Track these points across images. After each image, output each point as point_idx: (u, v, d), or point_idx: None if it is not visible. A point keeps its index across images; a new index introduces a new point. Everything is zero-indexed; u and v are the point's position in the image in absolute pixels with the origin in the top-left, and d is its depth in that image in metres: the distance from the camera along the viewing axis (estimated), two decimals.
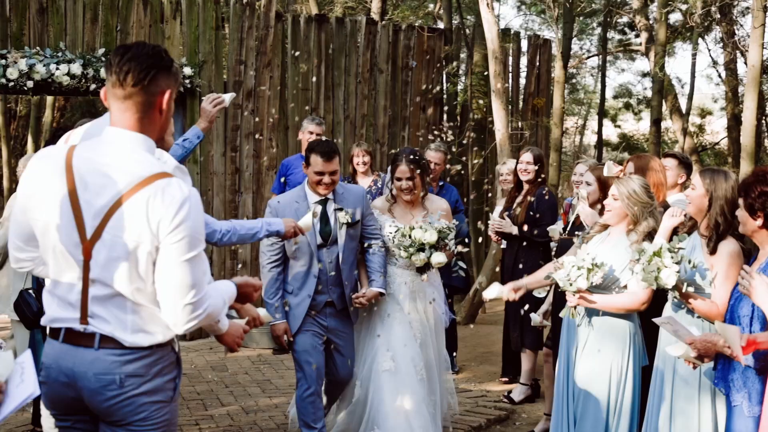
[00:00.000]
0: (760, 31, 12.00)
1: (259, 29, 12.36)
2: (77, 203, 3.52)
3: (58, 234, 3.55)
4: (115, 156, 3.52)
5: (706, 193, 5.67)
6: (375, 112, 13.68)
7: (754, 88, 12.09)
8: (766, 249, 5.01)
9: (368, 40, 13.62)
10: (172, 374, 3.66)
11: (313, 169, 6.78)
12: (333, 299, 6.98)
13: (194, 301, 3.51)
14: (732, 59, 19.19)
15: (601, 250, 6.24)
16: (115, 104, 3.56)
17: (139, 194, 3.44)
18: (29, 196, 3.65)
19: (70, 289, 3.57)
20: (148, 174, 3.47)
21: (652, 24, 18.56)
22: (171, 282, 3.47)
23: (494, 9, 11.87)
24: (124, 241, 3.45)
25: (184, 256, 3.46)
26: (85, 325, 3.53)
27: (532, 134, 14.78)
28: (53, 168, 3.60)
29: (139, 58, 3.51)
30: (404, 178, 7.25)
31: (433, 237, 7.00)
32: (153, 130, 3.61)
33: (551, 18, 15.02)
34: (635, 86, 27.10)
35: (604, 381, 6.15)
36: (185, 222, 3.44)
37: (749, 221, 4.97)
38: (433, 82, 14.33)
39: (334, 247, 6.92)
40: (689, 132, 16.78)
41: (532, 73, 15.38)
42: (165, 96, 3.58)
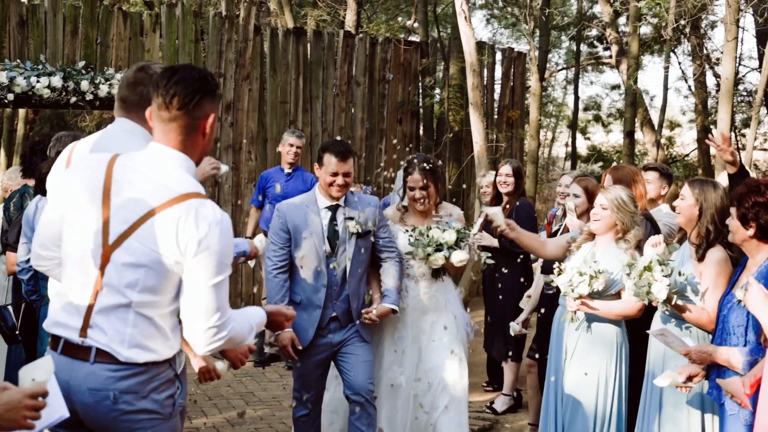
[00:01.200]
0: (733, 44, 12.19)
1: (238, 42, 12.41)
2: (108, 207, 3.54)
3: (82, 234, 3.57)
4: (155, 169, 3.56)
5: (696, 203, 5.79)
6: (352, 125, 13.75)
7: (727, 101, 12.25)
8: (756, 258, 5.11)
9: (345, 53, 13.69)
10: (169, 391, 3.62)
11: (326, 169, 6.37)
12: (338, 314, 6.48)
13: (218, 324, 3.55)
14: (701, 72, 19.39)
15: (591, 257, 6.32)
16: (159, 125, 3.60)
17: (172, 209, 3.47)
18: (64, 195, 3.69)
19: (78, 294, 3.57)
20: (184, 192, 3.51)
21: (622, 37, 18.75)
22: (197, 304, 3.51)
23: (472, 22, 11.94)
24: (148, 251, 3.47)
25: (211, 280, 3.49)
26: (83, 338, 3.52)
27: (507, 146, 14.89)
28: (93, 172, 3.63)
29: (185, 81, 3.54)
30: (417, 188, 6.84)
31: (452, 236, 6.68)
32: (194, 153, 3.65)
33: (527, 31, 15.15)
34: (604, 99, 27.34)
35: (592, 387, 6.22)
36: (214, 245, 3.48)
37: (741, 230, 5.07)
38: (409, 94, 14.42)
39: (342, 257, 6.45)
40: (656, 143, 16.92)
41: (507, 86, 15.51)
42: (209, 120, 3.62)
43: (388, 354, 6.81)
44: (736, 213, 5.05)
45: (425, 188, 6.83)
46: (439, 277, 6.90)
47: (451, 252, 6.69)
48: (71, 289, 3.61)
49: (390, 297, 6.59)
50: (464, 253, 6.73)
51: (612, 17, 17.90)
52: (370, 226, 6.55)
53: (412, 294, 6.84)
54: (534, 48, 15.36)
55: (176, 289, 3.58)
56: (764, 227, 4.97)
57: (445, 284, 6.97)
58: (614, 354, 6.26)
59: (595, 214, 6.34)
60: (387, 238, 6.71)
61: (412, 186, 6.86)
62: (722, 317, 5.19)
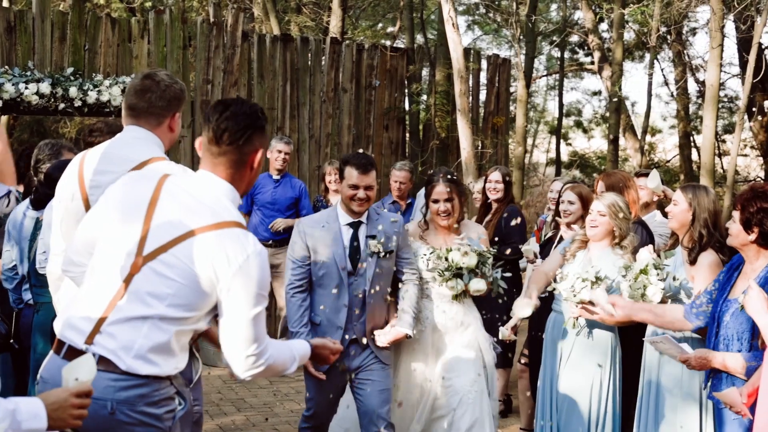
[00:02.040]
0: (718, 51, 12.29)
1: (226, 49, 12.41)
2: (150, 220, 3.58)
3: (117, 245, 3.60)
4: (203, 193, 3.62)
5: (689, 209, 5.93)
6: (339, 131, 13.76)
7: (712, 107, 12.36)
8: (755, 264, 5.16)
9: (332, 60, 13.71)
10: (169, 407, 3.62)
11: (347, 182, 6.16)
12: (357, 337, 6.25)
13: (256, 353, 3.60)
14: (683, 78, 19.54)
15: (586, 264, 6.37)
16: (209, 157, 3.67)
17: (214, 233, 3.52)
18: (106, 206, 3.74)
19: (96, 302, 3.58)
20: (228, 219, 3.57)
21: (604, 43, 18.86)
22: (236, 334, 3.56)
23: (459, 29, 11.99)
24: (186, 267, 3.50)
25: (251, 312, 3.54)
26: (89, 345, 3.52)
27: (493, 153, 14.94)
28: (141, 186, 3.69)
29: (237, 117, 3.61)
30: (442, 200, 6.56)
31: (473, 261, 6.35)
32: (241, 185, 3.72)
33: (514, 38, 15.21)
34: (584, 104, 27.46)
35: (588, 391, 6.28)
36: (253, 276, 3.52)
37: (742, 235, 5.12)
38: (396, 101, 14.45)
39: (363, 277, 6.18)
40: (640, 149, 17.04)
41: (492, 92, 15.55)
42: (258, 155, 3.70)
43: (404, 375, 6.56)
44: (739, 217, 5.11)
45: (450, 200, 6.56)
46: (459, 300, 6.58)
47: (470, 278, 6.40)
48: (90, 297, 3.62)
49: (405, 321, 6.33)
50: (482, 283, 6.44)
51: (594, 23, 18.00)
52: (392, 246, 6.29)
53: (431, 315, 6.56)
54: (520, 54, 15.41)
55: (206, 310, 3.63)
56: (766, 233, 5.03)
57: (465, 305, 6.68)
58: (609, 358, 6.32)
59: (593, 220, 6.38)
60: (408, 259, 6.46)
61: (437, 198, 6.59)
62: (723, 323, 5.23)
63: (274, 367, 3.75)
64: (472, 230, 6.79)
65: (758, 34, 12.68)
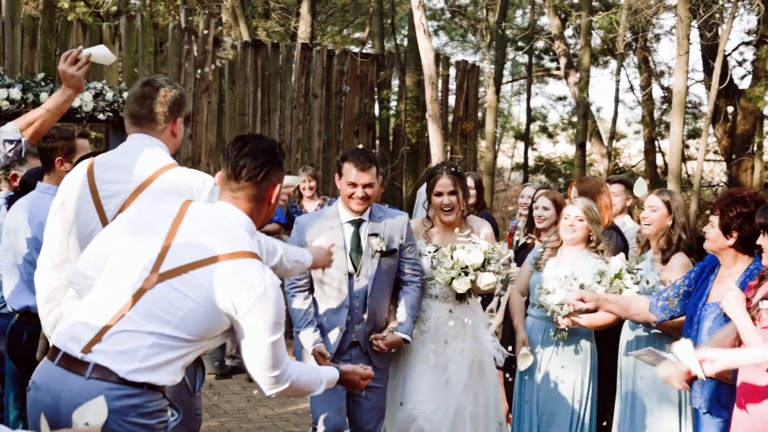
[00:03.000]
0: (685, 58, 12.44)
1: (197, 54, 12.41)
2: (171, 239, 3.63)
3: (131, 260, 3.63)
4: (224, 222, 3.69)
5: (668, 215, 6.05)
6: (310, 137, 13.81)
7: (679, 113, 12.50)
8: (732, 269, 5.25)
9: (303, 65, 13.75)
10: (162, 417, 3.63)
11: (345, 179, 5.86)
12: (359, 339, 5.95)
13: (277, 375, 3.71)
14: (648, 84, 19.74)
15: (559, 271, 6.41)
16: (227, 192, 3.75)
17: (234, 262, 3.58)
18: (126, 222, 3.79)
19: (99, 313, 3.59)
20: (247, 249, 3.64)
21: (570, 49, 19.03)
22: (257, 360, 3.66)
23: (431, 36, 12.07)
24: (205, 291, 3.55)
25: (269, 339, 3.62)
26: (85, 354, 3.52)
27: (462, 159, 15.05)
28: (165, 207, 3.76)
29: (255, 153, 3.69)
30: (446, 193, 6.21)
31: (479, 258, 6.02)
32: (259, 218, 3.82)
33: (483, 44, 15.32)
34: (549, 110, 27.58)
35: (569, 395, 6.34)
36: (270, 305, 3.59)
37: (721, 239, 5.20)
38: (366, 106, 14.52)
39: (365, 277, 5.90)
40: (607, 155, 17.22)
41: (461, 98, 15.66)
42: (275, 189, 3.79)
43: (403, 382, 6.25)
44: (718, 222, 5.18)
45: (454, 193, 6.22)
46: (464, 300, 6.28)
47: (477, 275, 6.04)
48: (94, 307, 3.62)
49: (404, 326, 6.04)
50: (492, 276, 6.09)
51: (560, 29, 18.16)
52: (395, 244, 6.00)
53: (435, 316, 6.27)
54: (490, 61, 15.53)
55: (215, 335, 3.69)
56: (744, 238, 5.12)
57: (470, 307, 6.41)
58: (588, 363, 6.39)
59: (571, 225, 6.41)
60: (412, 259, 6.13)
61: (440, 191, 6.24)
62: (704, 329, 5.28)
63: (297, 387, 3.86)
64: (478, 226, 6.45)
65: (723, 41, 12.87)
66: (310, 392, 4.00)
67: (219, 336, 3.71)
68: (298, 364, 3.93)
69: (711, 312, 5.25)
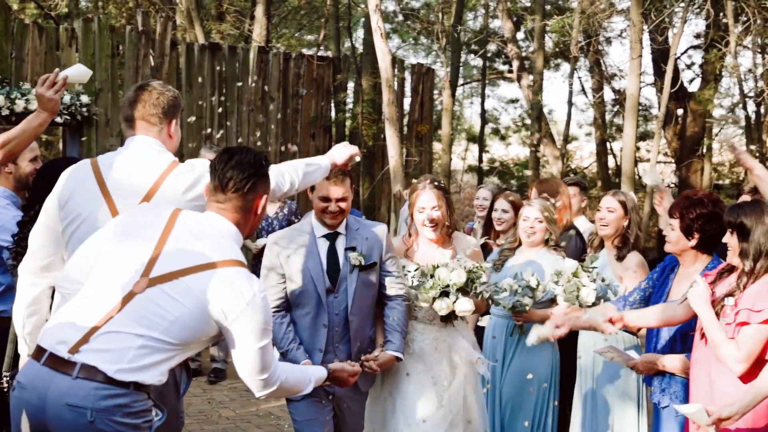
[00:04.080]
0: (638, 62, 12.66)
1: (155, 57, 12.40)
2: (162, 245, 3.70)
3: (121, 263, 3.69)
4: (211, 230, 3.78)
5: (625, 216, 6.22)
6: (266, 140, 13.84)
7: (632, 116, 12.73)
8: (691, 269, 5.39)
9: (260, 69, 13.79)
10: (147, 417, 3.69)
11: (317, 193, 5.41)
12: (341, 359, 5.35)
13: (266, 377, 3.83)
14: (599, 87, 20.00)
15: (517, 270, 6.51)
16: (214, 204, 3.84)
17: (224, 270, 3.65)
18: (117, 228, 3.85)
19: (87, 315, 3.63)
20: (235, 258, 3.73)
21: (522, 52, 19.24)
22: (246, 364, 3.76)
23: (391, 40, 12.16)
24: (193, 296, 3.62)
25: (258, 344, 3.71)
26: (72, 354, 3.56)
27: (418, 161, 15.16)
28: (156, 214, 3.83)
29: (241, 166, 3.79)
30: (428, 208, 5.78)
31: (461, 278, 5.56)
32: (245, 229, 3.89)
33: (439, 48, 15.45)
34: (501, 112, 27.85)
35: (533, 391, 6.44)
36: (258, 312, 3.68)
37: (683, 241, 5.34)
38: (322, 109, 14.58)
39: (344, 294, 5.46)
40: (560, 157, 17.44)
41: (416, 101, 15.77)
42: (261, 200, 3.87)
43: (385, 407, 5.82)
44: (679, 225, 5.32)
45: (438, 209, 5.79)
46: (450, 322, 5.83)
47: (457, 297, 5.57)
48: (82, 309, 3.67)
49: (394, 343, 5.58)
50: (469, 303, 5.59)
51: (512, 33, 18.35)
52: (374, 258, 5.55)
53: (419, 338, 5.83)
54: (446, 64, 15.66)
55: (203, 340, 3.76)
56: (705, 239, 5.27)
57: (456, 328, 5.94)
58: (550, 359, 6.49)
59: (531, 227, 6.52)
60: (394, 272, 5.69)
61: (422, 206, 5.82)
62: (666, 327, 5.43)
63: (286, 387, 3.99)
64: (463, 244, 6.03)
65: (675, 45, 13.10)
66: (300, 392, 4.11)
67: (206, 340, 3.77)
68: (286, 365, 4.04)
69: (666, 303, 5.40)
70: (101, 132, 11.96)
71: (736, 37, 13.65)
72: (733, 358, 4.56)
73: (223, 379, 10.24)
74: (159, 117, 4.43)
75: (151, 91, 4.44)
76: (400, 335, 5.60)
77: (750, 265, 4.61)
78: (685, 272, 5.45)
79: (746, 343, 4.53)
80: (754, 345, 4.52)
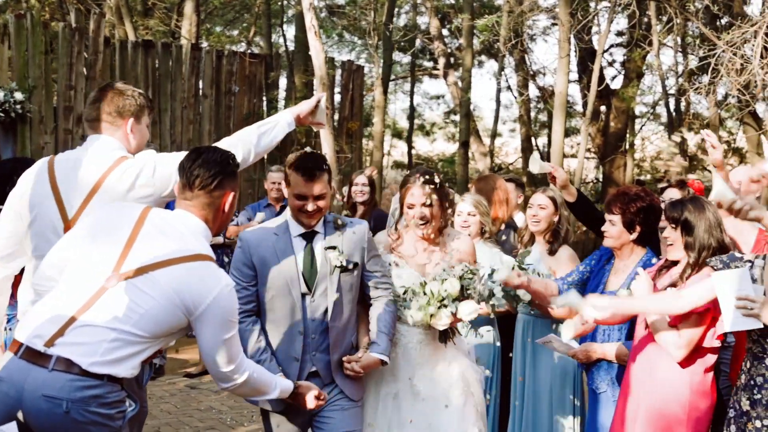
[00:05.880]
0: (566, 60, 12.97)
1: (88, 54, 12.36)
2: (132, 242, 3.81)
3: (92, 260, 3.80)
4: (182, 227, 3.91)
5: (555, 212, 6.47)
6: (200, 137, 13.88)
7: (561, 113, 13.05)
8: (626, 260, 5.63)
9: (193, 66, 13.81)
10: (120, 408, 3.79)
11: (292, 190, 4.95)
12: (318, 369, 5.01)
13: (232, 369, 3.96)
14: (525, 84, 20.32)
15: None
16: (183, 201, 3.96)
17: (192, 264, 3.80)
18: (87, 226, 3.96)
19: (61, 309, 3.74)
20: (204, 253, 3.86)
21: (449, 49, 19.49)
22: (212, 356, 3.90)
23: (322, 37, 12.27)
24: (162, 290, 3.73)
25: (222, 336, 3.86)
26: (48, 347, 3.66)
27: (350, 157, 15.30)
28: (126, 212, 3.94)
29: (207, 164, 3.92)
30: (418, 205, 5.33)
31: (455, 287, 5.17)
32: (214, 225, 4.02)
33: (371, 46, 15.60)
34: (423, 108, 28.00)
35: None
36: (223, 305, 3.82)
37: (624, 235, 5.57)
38: (255, 106, 14.66)
39: (322, 298, 4.99)
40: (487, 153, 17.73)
41: (346, 98, 15.92)
42: (228, 198, 3.99)
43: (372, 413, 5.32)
44: (621, 220, 5.54)
45: (428, 206, 5.34)
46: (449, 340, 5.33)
47: (456, 306, 5.15)
48: (56, 304, 3.77)
49: (379, 345, 5.11)
50: (473, 304, 5.19)
51: (438, 30, 18.57)
52: (356, 258, 5.10)
53: (405, 341, 5.36)
54: (378, 64, 15.83)
55: (173, 332, 3.87)
56: (645, 232, 5.52)
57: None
58: (491, 350, 6.67)
59: (465, 221, 6.68)
60: (379, 272, 5.25)
61: (412, 203, 5.36)
62: None
63: (252, 383, 4.12)
64: (456, 241, 5.56)
65: (602, 44, 13.45)
66: (264, 394, 4.25)
67: (176, 333, 3.89)
68: (255, 364, 4.18)
69: None
70: (35, 129, 11.89)
71: (659, 36, 14.07)
72: (673, 345, 4.81)
73: (162, 374, 10.26)
74: (114, 116, 4.53)
75: (109, 91, 4.54)
76: (386, 337, 5.14)
77: (695, 257, 4.86)
78: (621, 264, 5.68)
79: (686, 330, 4.79)
80: (693, 333, 4.78)
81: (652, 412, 4.91)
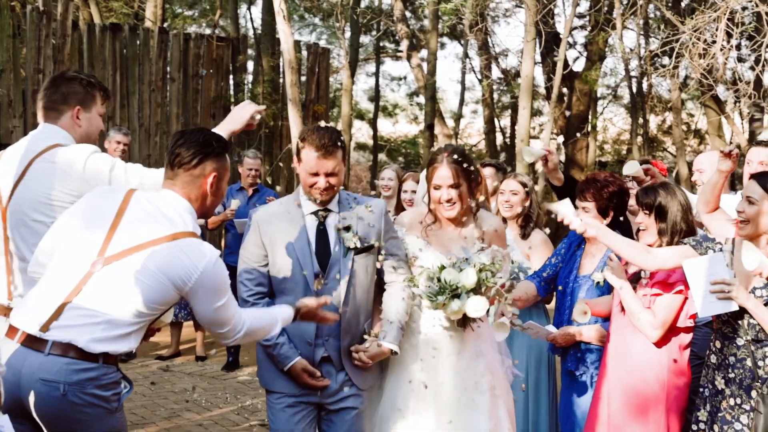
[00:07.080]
0: (532, 44, 13.12)
1: (56, 37, 12.34)
2: (116, 225, 3.91)
3: (79, 244, 3.90)
4: (165, 207, 3.98)
5: (527, 197, 6.59)
6: (168, 120, 13.91)
7: (527, 96, 13.21)
8: (598, 244, 5.75)
9: (160, 49, 13.82)
10: (116, 390, 3.90)
11: (304, 167, 4.66)
12: (330, 354, 4.79)
13: (228, 329, 4.09)
14: (488, 66, 20.46)
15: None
16: (167, 180, 4.04)
17: (177, 242, 3.89)
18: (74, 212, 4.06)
19: (55, 293, 3.85)
20: (186, 230, 3.94)
21: (413, 32, 19.60)
22: (209, 322, 4.05)
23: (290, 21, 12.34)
24: (150, 270, 3.83)
25: (214, 305, 3.98)
26: (43, 332, 3.77)
27: None
28: (109, 197, 4.03)
29: (188, 143, 4.00)
30: (445, 186, 4.99)
31: (471, 279, 4.79)
32: (197, 204, 4.08)
33: (338, 29, 15.68)
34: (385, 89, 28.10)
35: None
36: (211, 277, 3.92)
37: (599, 220, 5.71)
38: (222, 90, 14.70)
39: (334, 281, 4.74)
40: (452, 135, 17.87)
41: (312, 81, 15.99)
42: (210, 178, 4.04)
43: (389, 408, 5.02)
44: (595, 206, 5.69)
45: (456, 186, 4.99)
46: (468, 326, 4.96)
47: (467, 298, 4.77)
48: (48, 289, 3.89)
49: (390, 334, 4.85)
50: (482, 301, 4.79)
51: (402, 12, 18.67)
52: (372, 239, 4.83)
53: (426, 325, 5.02)
54: (344, 46, 15.92)
55: (166, 307, 3.98)
56: (616, 216, 5.70)
57: None
58: None
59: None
60: (395, 255, 4.95)
61: (438, 184, 5.02)
62: (578, 299, 5.79)
63: (253, 333, 4.23)
64: (489, 224, 5.22)
65: (567, 28, 13.61)
66: (270, 334, 4.34)
67: (168, 306, 4.00)
68: (250, 311, 4.27)
69: (584, 283, 5.79)
70: (3, 113, 11.91)
71: (621, 19, 14.25)
72: (649, 325, 4.98)
73: (134, 357, 10.32)
74: (59, 103, 4.62)
75: (58, 79, 4.66)
76: (397, 325, 4.87)
77: (668, 241, 5.03)
78: (593, 248, 5.83)
79: (661, 311, 4.97)
80: (668, 313, 4.96)
81: (628, 391, 5.07)
